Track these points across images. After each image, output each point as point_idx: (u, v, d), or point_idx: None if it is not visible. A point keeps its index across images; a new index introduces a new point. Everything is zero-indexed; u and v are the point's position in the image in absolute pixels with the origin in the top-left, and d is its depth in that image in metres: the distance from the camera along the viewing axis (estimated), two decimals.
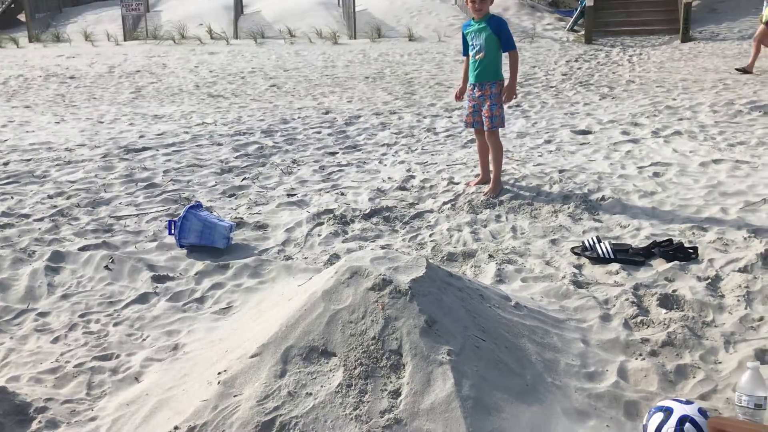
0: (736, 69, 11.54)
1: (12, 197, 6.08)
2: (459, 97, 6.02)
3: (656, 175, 6.24)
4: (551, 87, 11.16)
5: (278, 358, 2.95)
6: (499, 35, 5.56)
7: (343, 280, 3.21)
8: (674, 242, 4.55)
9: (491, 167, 5.87)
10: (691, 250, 4.45)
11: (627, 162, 6.69)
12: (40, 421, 3.00)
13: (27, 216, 5.60)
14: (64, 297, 4.26)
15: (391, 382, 2.82)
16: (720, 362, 3.33)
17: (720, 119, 8.31)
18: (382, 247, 4.79)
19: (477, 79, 5.70)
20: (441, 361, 2.87)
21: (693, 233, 4.85)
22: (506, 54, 5.70)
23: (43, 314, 4.05)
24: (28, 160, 7.38)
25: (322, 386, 2.83)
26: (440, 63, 14.33)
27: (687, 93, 10.10)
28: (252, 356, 3.01)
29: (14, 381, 3.32)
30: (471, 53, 5.69)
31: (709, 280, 4.11)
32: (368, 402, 2.74)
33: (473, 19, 5.72)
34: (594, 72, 12.51)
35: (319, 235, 5.12)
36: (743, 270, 4.19)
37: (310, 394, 2.81)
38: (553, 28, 18.27)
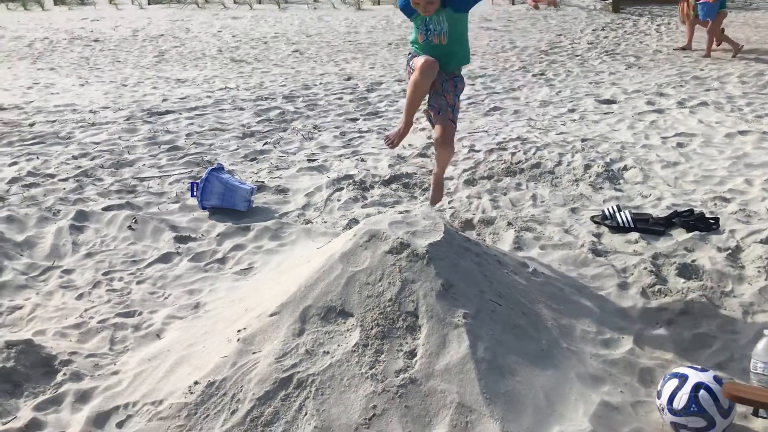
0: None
1: (38, 157, 6.17)
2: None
3: (680, 145, 6.17)
4: (576, 56, 11.01)
5: (296, 317, 2.99)
6: (459, 4, 3.85)
7: (362, 243, 3.24)
8: (695, 212, 4.52)
9: (434, 168, 4.22)
10: (712, 221, 4.41)
11: (651, 132, 6.61)
12: (64, 374, 3.08)
13: (52, 176, 5.68)
14: (88, 255, 4.33)
15: (406, 342, 2.86)
16: (738, 332, 3.33)
17: (748, 90, 8.17)
18: (401, 213, 4.80)
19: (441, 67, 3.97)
20: (456, 323, 2.90)
21: (715, 204, 4.80)
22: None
23: (67, 271, 4.13)
24: (53, 121, 7.46)
25: (339, 345, 2.87)
26: None
27: (715, 63, 9.92)
28: (271, 315, 3.05)
29: (40, 335, 3.40)
30: (421, 34, 3.96)
31: (730, 251, 4.08)
32: (384, 362, 2.78)
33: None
34: (620, 41, 12.31)
35: (338, 200, 5.14)
36: (765, 241, 4.15)
37: (327, 352, 2.85)
38: None
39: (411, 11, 3.95)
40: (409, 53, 4.13)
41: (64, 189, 5.37)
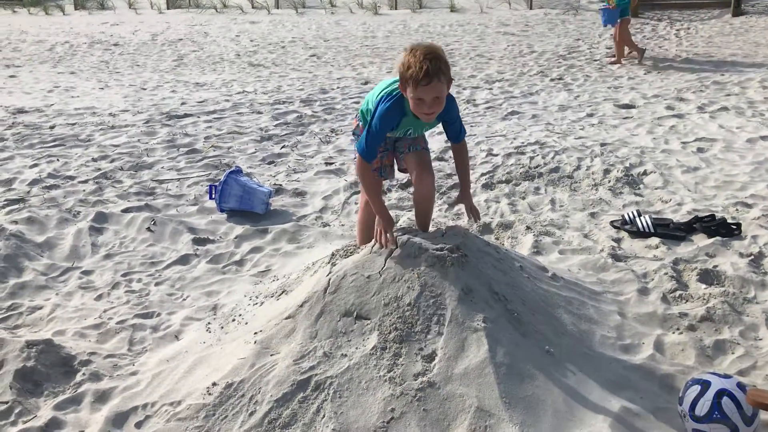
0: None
1: (58, 159, 6.22)
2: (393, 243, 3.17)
3: (700, 150, 6.11)
4: (595, 60, 10.95)
5: (313, 320, 2.99)
6: (449, 122, 3.22)
7: (378, 249, 3.22)
8: (716, 218, 4.47)
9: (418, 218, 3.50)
10: (734, 226, 4.36)
11: (671, 137, 6.56)
12: (84, 373, 3.10)
13: (72, 178, 5.73)
14: (108, 256, 4.36)
15: (425, 346, 2.84)
16: (761, 339, 3.28)
17: None
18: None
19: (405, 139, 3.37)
20: (476, 327, 2.88)
21: (737, 209, 4.75)
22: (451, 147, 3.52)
23: (87, 272, 4.16)
24: (73, 124, 7.52)
25: (356, 348, 2.86)
26: (482, 35, 14.14)
27: (736, 68, 9.83)
28: (288, 317, 3.05)
29: (60, 335, 3.43)
30: (394, 133, 3.24)
31: (752, 257, 4.03)
32: (402, 365, 2.77)
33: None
34: (640, 46, 12.21)
35: (356, 203, 5.14)
36: None
37: (345, 355, 2.84)
38: (599, 0, 17.86)
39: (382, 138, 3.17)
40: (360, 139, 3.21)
41: (84, 191, 5.41)
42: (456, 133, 3.27)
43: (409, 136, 3.31)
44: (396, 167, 3.50)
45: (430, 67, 2.81)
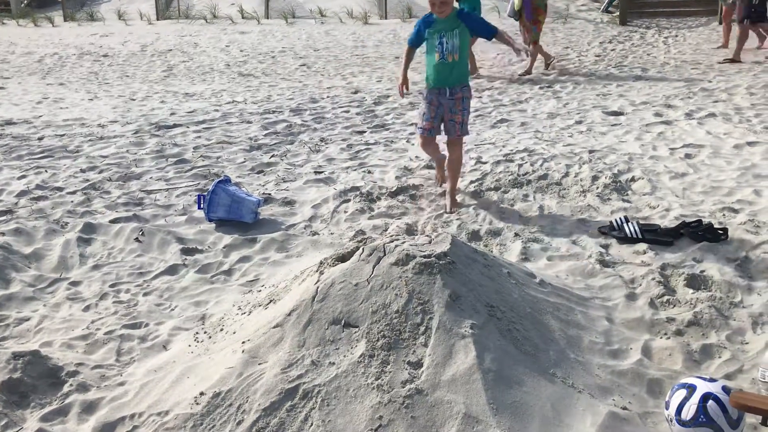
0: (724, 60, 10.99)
1: (46, 171, 6.20)
2: (403, 89, 5.20)
3: (688, 156, 6.15)
4: (584, 68, 11.02)
5: (301, 329, 2.98)
6: (475, 28, 4.95)
7: (366, 257, 3.23)
8: (704, 223, 4.49)
9: (447, 182, 5.22)
10: (721, 232, 4.39)
11: (659, 143, 6.60)
12: (71, 384, 3.08)
13: (60, 189, 5.71)
14: (96, 267, 4.35)
15: (413, 353, 2.84)
16: (747, 343, 3.30)
17: (757, 102, 8.14)
18: (408, 224, 4.81)
19: (448, 83, 4.92)
20: (463, 334, 2.88)
21: (724, 215, 4.78)
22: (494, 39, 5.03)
23: (75, 283, 4.14)
24: (62, 135, 7.51)
25: (344, 356, 2.86)
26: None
27: (723, 75, 9.90)
28: (275, 326, 3.05)
29: (47, 346, 3.41)
30: (437, 53, 4.87)
31: (739, 262, 4.05)
32: (390, 372, 2.77)
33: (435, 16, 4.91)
34: (628, 53, 12.31)
35: (345, 212, 5.15)
36: None
37: (333, 363, 2.84)
38: (587, 9, 17.98)
39: (422, 37, 4.95)
40: (424, 94, 5.07)
41: (72, 202, 5.40)
42: (485, 33, 4.92)
43: (445, 42, 4.81)
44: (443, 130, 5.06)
45: None
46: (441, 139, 5.21)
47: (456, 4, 5.08)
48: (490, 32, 4.91)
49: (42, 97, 9.89)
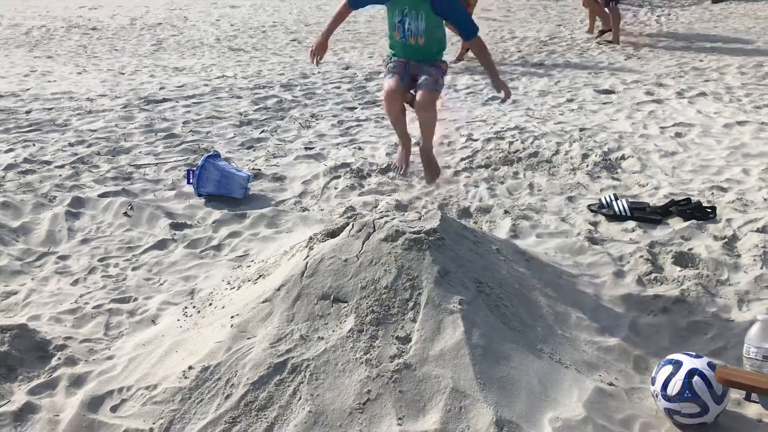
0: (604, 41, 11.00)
1: (34, 144, 6.15)
2: (316, 55, 4.14)
3: (678, 135, 6.16)
4: (576, 46, 10.98)
5: (290, 303, 2.99)
6: (450, 17, 3.87)
7: (356, 233, 3.23)
8: (692, 201, 4.51)
9: (420, 142, 4.30)
10: (709, 210, 4.41)
11: (649, 122, 6.60)
12: (59, 358, 3.08)
13: (48, 163, 5.66)
14: (84, 241, 4.33)
15: (401, 328, 2.85)
16: (732, 320, 3.33)
17: (747, 81, 8.14)
18: (398, 201, 4.80)
19: (415, 58, 3.99)
20: (452, 310, 2.89)
21: (712, 193, 4.80)
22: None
23: (63, 257, 4.13)
24: (50, 108, 7.43)
25: (333, 331, 2.87)
26: None
27: (715, 54, 9.89)
28: (264, 301, 3.05)
29: (35, 320, 3.40)
30: (397, 32, 3.94)
31: (726, 240, 4.08)
32: (379, 347, 2.78)
33: None
34: (620, 32, 12.25)
35: (335, 188, 5.13)
36: (761, 230, 4.15)
37: (322, 338, 2.85)
38: None
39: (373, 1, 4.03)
40: (386, 59, 4.18)
41: (60, 176, 5.36)
42: (464, 30, 3.98)
43: (407, 23, 3.81)
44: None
45: None
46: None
47: None
48: (468, 32, 3.94)
49: (29, 70, 9.77)
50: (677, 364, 2.65)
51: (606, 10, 11.04)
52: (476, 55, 4.05)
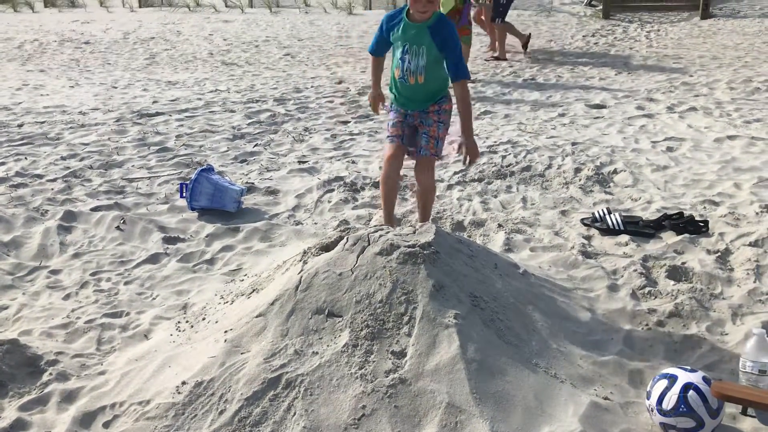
0: (492, 58, 11.14)
1: (26, 158, 6.12)
2: (377, 107, 4.29)
3: (669, 149, 6.19)
4: (567, 61, 11.05)
5: (284, 318, 2.97)
6: (445, 53, 3.80)
7: (350, 246, 3.22)
8: (685, 215, 4.53)
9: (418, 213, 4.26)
10: (702, 224, 4.43)
11: (641, 136, 6.64)
12: (50, 373, 3.05)
13: (40, 176, 5.64)
14: (76, 255, 4.30)
15: (396, 343, 2.84)
16: (726, 334, 3.33)
17: (737, 96, 8.22)
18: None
19: (410, 107, 3.98)
20: (447, 324, 2.88)
21: (705, 207, 4.82)
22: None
23: (55, 272, 4.10)
24: (42, 122, 7.41)
25: (328, 346, 2.85)
26: None
27: (704, 70, 9.97)
28: (258, 315, 3.03)
29: (26, 335, 3.37)
30: (397, 69, 3.91)
31: (719, 254, 4.09)
32: (374, 362, 2.77)
33: (407, 15, 3.84)
34: (611, 47, 12.36)
35: (329, 202, 5.13)
36: (754, 244, 4.17)
37: (316, 353, 2.83)
38: (571, 2, 18.00)
39: (385, 41, 4.04)
40: (389, 104, 4.17)
41: (53, 189, 5.34)
42: (452, 68, 3.84)
43: (408, 59, 3.83)
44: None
45: None
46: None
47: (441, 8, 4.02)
48: (458, 72, 3.85)
49: (22, 83, 9.75)
50: (672, 379, 2.65)
51: (493, 26, 11.07)
52: (457, 98, 3.90)
